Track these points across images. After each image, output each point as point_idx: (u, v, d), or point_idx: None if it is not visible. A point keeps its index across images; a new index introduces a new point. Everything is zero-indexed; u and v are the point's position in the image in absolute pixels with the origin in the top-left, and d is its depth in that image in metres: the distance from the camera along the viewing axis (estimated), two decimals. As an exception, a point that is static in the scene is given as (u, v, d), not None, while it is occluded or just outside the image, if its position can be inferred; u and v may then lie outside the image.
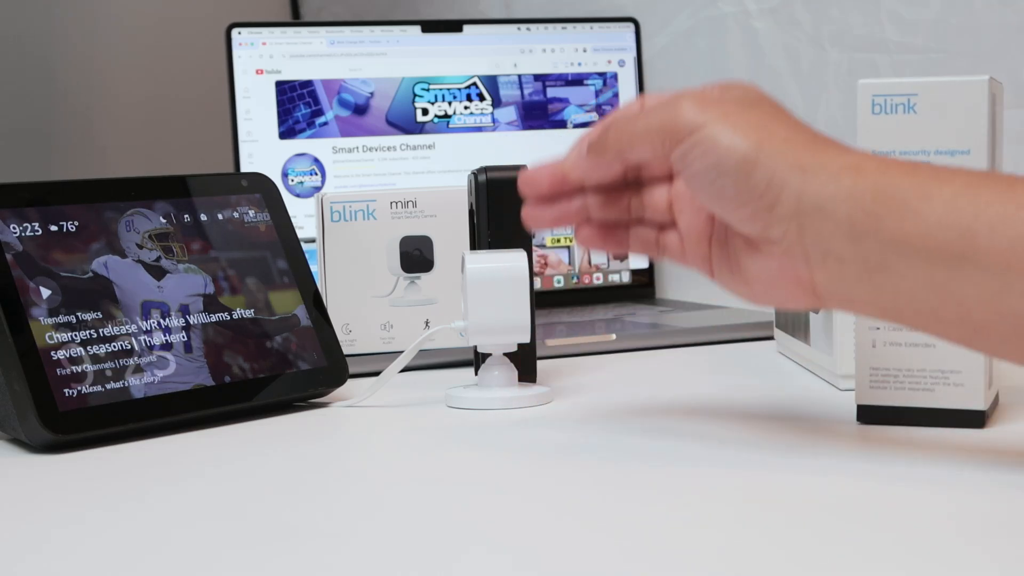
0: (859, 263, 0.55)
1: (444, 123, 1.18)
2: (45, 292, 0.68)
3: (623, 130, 0.61)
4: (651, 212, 0.64)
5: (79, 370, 0.67)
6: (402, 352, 0.75)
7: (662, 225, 0.64)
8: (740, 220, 0.57)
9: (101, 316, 0.70)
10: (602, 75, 1.22)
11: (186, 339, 0.72)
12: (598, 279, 1.20)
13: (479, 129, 1.19)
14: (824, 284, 0.56)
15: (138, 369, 0.69)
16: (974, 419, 0.64)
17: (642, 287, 1.22)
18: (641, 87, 1.23)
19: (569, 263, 1.19)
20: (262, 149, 1.14)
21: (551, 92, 1.21)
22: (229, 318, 0.74)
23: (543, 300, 1.13)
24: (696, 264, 0.63)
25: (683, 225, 0.63)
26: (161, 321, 0.72)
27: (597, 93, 1.22)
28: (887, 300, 0.55)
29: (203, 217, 0.76)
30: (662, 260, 0.66)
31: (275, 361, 0.75)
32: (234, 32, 1.14)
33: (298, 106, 1.15)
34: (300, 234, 0.82)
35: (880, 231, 0.54)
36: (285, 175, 1.14)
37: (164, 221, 0.75)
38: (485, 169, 0.78)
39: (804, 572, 0.44)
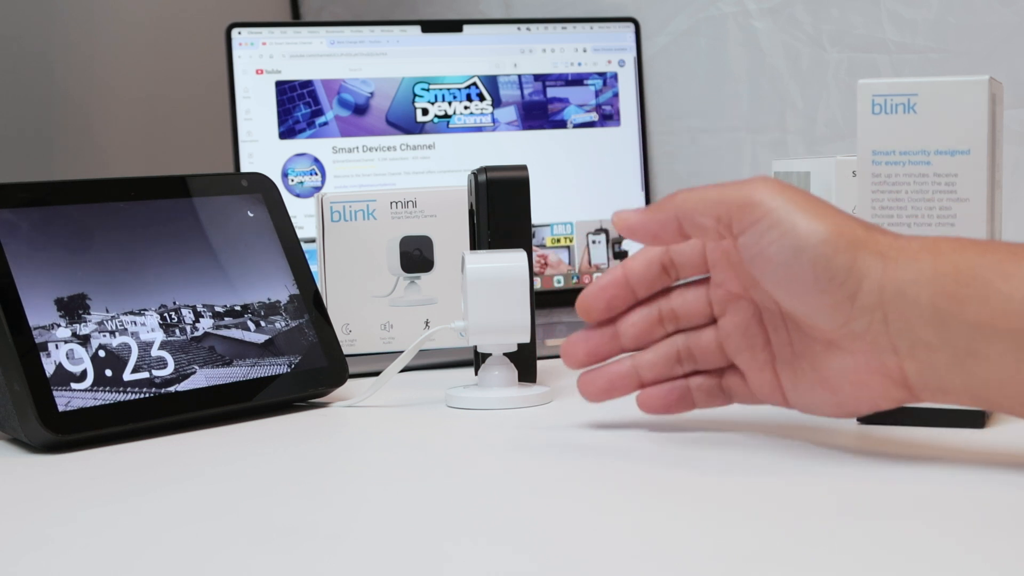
0: (948, 349, 0.53)
1: (444, 123, 1.18)
2: (45, 292, 0.68)
3: (689, 195, 0.58)
4: (703, 360, 0.63)
5: (79, 370, 0.67)
6: (402, 352, 0.75)
7: (719, 371, 0.63)
8: (818, 311, 0.55)
9: (101, 316, 0.70)
10: (602, 75, 1.22)
11: (186, 339, 0.72)
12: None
13: (479, 129, 1.19)
14: (916, 375, 0.54)
15: (138, 369, 0.70)
16: (974, 419, 0.64)
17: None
18: (641, 87, 1.23)
19: (569, 263, 1.19)
20: (262, 149, 1.14)
21: (551, 92, 1.21)
22: (229, 318, 0.74)
23: (543, 300, 1.12)
24: (766, 396, 0.61)
25: (742, 362, 0.61)
26: (161, 321, 0.72)
27: (597, 93, 1.22)
28: (980, 386, 0.53)
29: (203, 217, 0.76)
30: (730, 405, 0.63)
31: (275, 361, 0.75)
32: (234, 32, 1.14)
33: (298, 106, 1.15)
34: (300, 234, 0.82)
35: (964, 315, 0.52)
36: (285, 175, 1.14)
37: (164, 221, 0.75)
38: (485, 169, 0.78)
39: (803, 572, 0.44)
